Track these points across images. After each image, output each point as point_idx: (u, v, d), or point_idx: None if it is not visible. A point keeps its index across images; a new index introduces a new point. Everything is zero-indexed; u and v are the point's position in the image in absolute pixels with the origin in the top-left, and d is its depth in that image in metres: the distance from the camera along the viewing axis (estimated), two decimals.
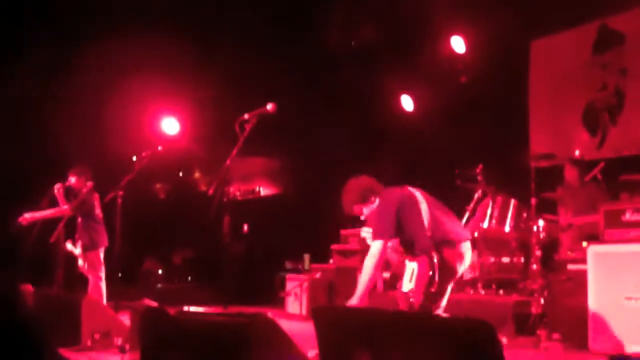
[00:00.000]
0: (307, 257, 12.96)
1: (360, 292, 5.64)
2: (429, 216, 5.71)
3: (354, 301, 5.65)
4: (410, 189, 5.98)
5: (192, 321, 4.47)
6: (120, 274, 9.64)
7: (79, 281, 9.54)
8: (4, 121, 12.10)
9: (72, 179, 9.52)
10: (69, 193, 9.57)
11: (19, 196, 10.82)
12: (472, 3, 11.46)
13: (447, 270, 5.57)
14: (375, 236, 5.72)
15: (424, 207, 5.75)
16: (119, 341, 5.88)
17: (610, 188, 8.65)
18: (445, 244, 5.64)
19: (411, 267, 5.66)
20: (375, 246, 5.64)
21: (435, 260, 5.50)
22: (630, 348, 6.13)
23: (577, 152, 9.44)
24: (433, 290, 5.49)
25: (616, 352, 6.17)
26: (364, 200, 6.02)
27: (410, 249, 5.74)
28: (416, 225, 5.67)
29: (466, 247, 5.76)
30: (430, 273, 5.48)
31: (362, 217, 6.19)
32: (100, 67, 11.73)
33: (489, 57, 11.69)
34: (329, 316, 3.63)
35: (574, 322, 6.82)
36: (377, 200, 5.98)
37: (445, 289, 5.64)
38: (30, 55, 11.50)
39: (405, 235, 5.76)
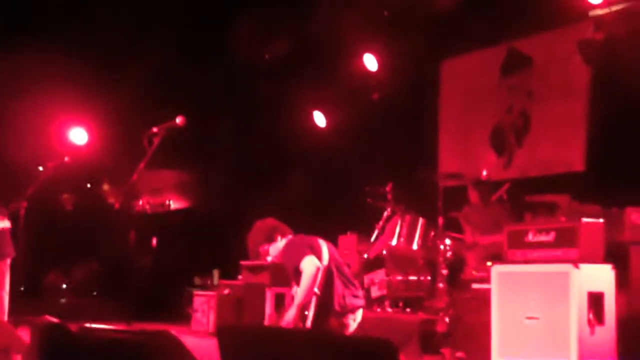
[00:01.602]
0: (216, 272, 12.86)
1: (304, 293, 5.59)
2: (325, 276, 5.70)
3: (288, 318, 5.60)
4: (320, 241, 5.98)
5: (94, 338, 4.36)
6: (22, 288, 9.40)
7: None
8: None
9: None
10: None
11: None
12: (385, 21, 11.59)
13: None
14: (302, 256, 5.68)
15: (323, 263, 5.74)
16: (18, 358, 5.71)
17: (516, 208, 8.82)
18: (330, 311, 5.66)
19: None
20: (307, 261, 5.63)
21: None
22: None
23: (484, 172, 9.60)
24: None
25: None
26: (270, 239, 6.03)
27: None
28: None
29: (352, 319, 5.78)
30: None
31: (269, 258, 6.18)
32: (6, 74, 11.42)
33: (400, 75, 11.82)
34: (235, 334, 3.59)
35: (477, 340, 6.92)
36: (283, 240, 5.99)
37: None
38: None
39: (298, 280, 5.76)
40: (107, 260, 14.73)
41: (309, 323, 5.55)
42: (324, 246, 5.90)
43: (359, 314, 5.87)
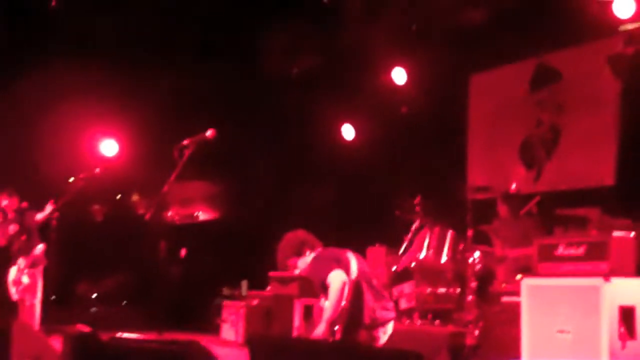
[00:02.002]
0: (244, 283, 12.89)
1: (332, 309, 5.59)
2: (354, 289, 5.72)
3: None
4: (349, 254, 5.99)
5: (125, 347, 4.41)
6: (54, 297, 9.49)
7: (8, 305, 9.36)
8: None
9: (5, 201, 9.41)
10: (4, 215, 9.44)
11: None
12: (414, 35, 11.60)
13: None
14: (329, 271, 5.69)
15: (352, 277, 5.75)
16: None
17: (545, 222, 8.78)
18: (360, 324, 5.66)
19: None
20: (335, 275, 5.65)
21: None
22: None
23: (513, 186, 9.55)
24: None
25: None
26: (298, 253, 6.03)
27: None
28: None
29: (382, 331, 5.78)
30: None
31: (297, 271, 6.19)
32: (38, 88, 11.56)
33: (429, 89, 11.83)
34: (265, 344, 3.62)
35: (507, 353, 6.88)
36: (311, 254, 6.01)
37: None
38: None
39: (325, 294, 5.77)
40: (136, 270, 14.81)
41: (338, 336, 5.56)
42: (353, 259, 5.90)
43: (390, 327, 5.87)
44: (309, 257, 6.03)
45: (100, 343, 4.53)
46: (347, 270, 5.76)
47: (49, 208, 9.18)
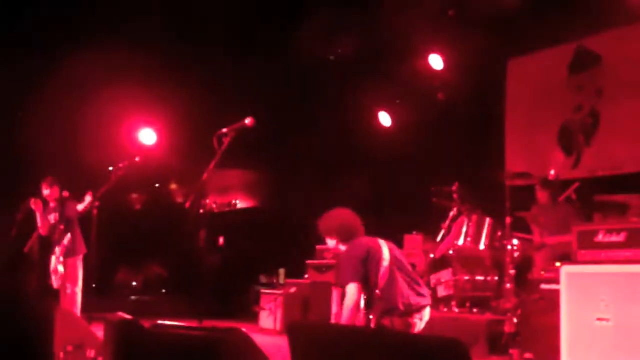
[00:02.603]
0: (282, 271, 12.96)
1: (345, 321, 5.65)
2: (387, 276, 5.73)
3: None
4: (380, 241, 5.99)
5: (167, 335, 4.45)
6: (94, 285, 9.60)
7: (51, 293, 9.50)
8: None
9: (46, 191, 9.52)
10: (44, 204, 9.56)
11: None
12: (451, 21, 11.54)
13: None
14: (347, 281, 5.73)
15: (384, 264, 5.76)
16: (92, 354, 5.84)
17: (584, 208, 8.71)
18: (394, 311, 5.66)
19: None
20: (350, 289, 5.66)
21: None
22: None
23: (552, 172, 9.49)
24: None
25: None
26: (339, 236, 6.05)
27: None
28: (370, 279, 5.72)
29: (418, 318, 5.77)
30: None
31: (328, 246, 6.23)
32: (78, 78, 11.67)
33: (466, 75, 11.78)
34: (305, 332, 3.63)
35: (546, 342, 6.85)
36: (345, 246, 6.03)
37: None
38: (6, 65, 11.43)
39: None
40: (176, 259, 14.94)
41: (372, 325, 5.58)
42: (385, 246, 5.90)
43: (427, 313, 5.86)
44: (342, 247, 6.05)
45: (142, 330, 4.57)
46: (379, 258, 5.76)
47: (88, 198, 9.28)
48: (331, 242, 6.12)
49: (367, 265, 5.74)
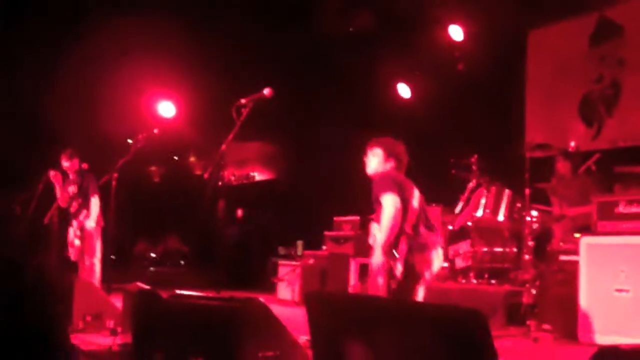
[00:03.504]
0: (300, 243, 12.97)
1: (385, 236, 5.59)
2: (416, 212, 5.70)
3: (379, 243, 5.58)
4: (415, 189, 5.96)
5: (185, 305, 4.47)
6: (113, 257, 9.65)
7: (69, 265, 9.56)
8: None
9: (66, 163, 9.55)
10: (64, 176, 9.59)
11: (13, 179, 10.84)
12: None
13: (413, 275, 5.56)
14: (385, 190, 5.66)
15: (414, 202, 5.73)
16: (110, 323, 5.89)
17: (605, 180, 8.65)
18: (418, 246, 5.62)
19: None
20: (388, 199, 5.58)
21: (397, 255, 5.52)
22: (620, 339, 6.15)
23: (572, 143, 9.40)
24: (394, 287, 5.49)
25: (605, 343, 6.19)
26: (386, 150, 6.03)
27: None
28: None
29: (435, 255, 5.73)
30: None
31: (367, 169, 6.12)
32: (97, 50, 11.67)
33: (486, 46, 11.67)
34: (322, 302, 3.63)
35: (564, 312, 6.84)
36: (389, 166, 5.96)
37: (412, 290, 5.60)
38: (27, 37, 11.45)
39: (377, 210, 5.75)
40: (194, 230, 15.00)
41: (399, 264, 5.52)
42: (416, 192, 5.87)
43: (441, 253, 5.80)
44: (387, 165, 6.00)
45: (160, 300, 4.60)
46: (409, 196, 5.74)
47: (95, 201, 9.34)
48: (373, 162, 6.07)
49: (400, 194, 5.70)
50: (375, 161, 6.04)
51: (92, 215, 9.32)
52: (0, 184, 11.61)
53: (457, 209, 9.42)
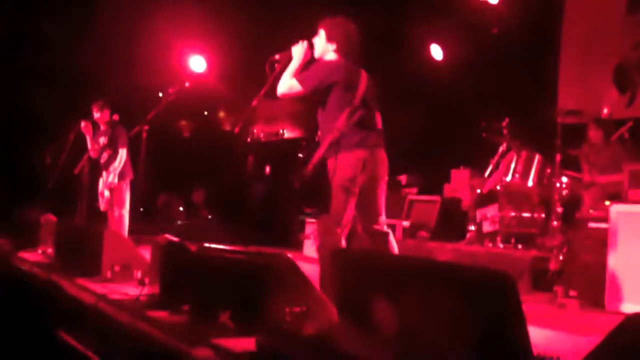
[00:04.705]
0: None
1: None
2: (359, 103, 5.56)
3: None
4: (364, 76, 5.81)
5: (213, 258, 4.50)
6: (142, 209, 9.72)
7: (100, 213, 9.66)
8: (31, 57, 12.13)
9: (96, 114, 9.61)
10: (94, 127, 9.66)
11: (46, 131, 10.93)
12: None
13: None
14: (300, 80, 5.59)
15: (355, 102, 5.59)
16: (138, 274, 5.93)
17: (637, 148, 8.57)
18: (346, 143, 5.54)
19: None
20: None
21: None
22: None
23: (605, 110, 9.30)
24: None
25: (632, 311, 6.17)
26: (325, 36, 5.80)
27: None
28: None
29: (357, 157, 5.54)
30: None
31: (313, 54, 5.94)
32: (130, 3, 11.67)
33: (522, 9, 11.52)
34: (348, 259, 3.64)
35: (591, 280, 6.81)
36: (332, 53, 5.78)
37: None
38: None
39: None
40: (222, 185, 15.05)
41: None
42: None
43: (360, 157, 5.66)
44: (329, 47, 5.83)
45: (188, 252, 4.63)
46: (353, 95, 5.59)
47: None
48: (318, 43, 5.85)
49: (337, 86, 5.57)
50: (319, 44, 5.83)
51: (116, 167, 9.39)
52: (31, 134, 11.72)
53: (487, 173, 9.38)
